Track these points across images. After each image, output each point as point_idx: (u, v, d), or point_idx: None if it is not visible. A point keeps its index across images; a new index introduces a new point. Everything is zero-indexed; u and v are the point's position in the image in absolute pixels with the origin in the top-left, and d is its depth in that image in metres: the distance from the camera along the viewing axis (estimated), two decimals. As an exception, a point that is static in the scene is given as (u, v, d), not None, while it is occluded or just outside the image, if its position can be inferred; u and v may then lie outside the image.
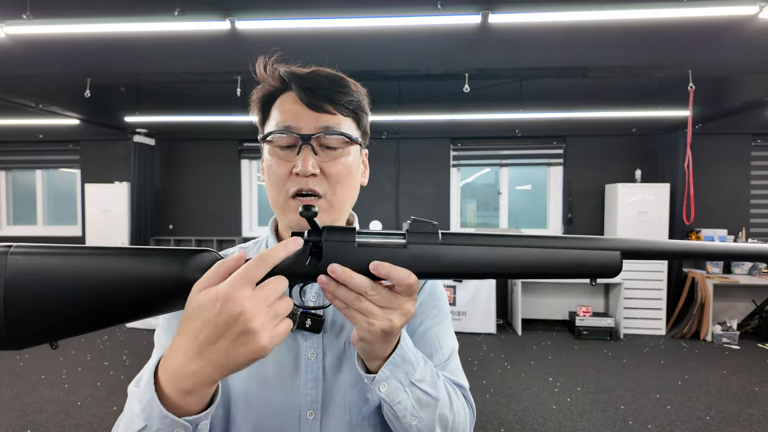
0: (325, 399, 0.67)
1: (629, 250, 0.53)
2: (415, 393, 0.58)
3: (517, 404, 3.34)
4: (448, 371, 0.71)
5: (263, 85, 0.69)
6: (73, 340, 4.83)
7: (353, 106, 0.67)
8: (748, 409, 3.26)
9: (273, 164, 0.66)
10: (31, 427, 2.97)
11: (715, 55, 3.33)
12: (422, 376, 0.59)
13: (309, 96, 0.64)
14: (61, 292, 0.47)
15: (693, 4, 2.71)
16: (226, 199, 6.19)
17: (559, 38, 3.28)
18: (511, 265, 0.53)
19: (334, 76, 0.67)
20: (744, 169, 5.52)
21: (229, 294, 0.45)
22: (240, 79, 3.60)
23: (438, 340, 0.72)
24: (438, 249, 0.53)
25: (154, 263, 0.51)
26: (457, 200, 6.05)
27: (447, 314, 0.77)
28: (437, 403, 0.60)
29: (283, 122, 0.65)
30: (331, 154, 0.65)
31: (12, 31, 2.94)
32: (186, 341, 0.46)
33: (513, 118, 5.13)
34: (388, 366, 0.56)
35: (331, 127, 0.65)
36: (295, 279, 0.53)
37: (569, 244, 0.53)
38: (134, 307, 0.50)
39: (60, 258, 0.48)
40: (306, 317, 0.67)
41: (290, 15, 2.95)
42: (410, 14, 2.94)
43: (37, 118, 5.38)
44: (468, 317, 5.11)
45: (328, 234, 0.52)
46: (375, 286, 0.51)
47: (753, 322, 5.04)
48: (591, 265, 0.53)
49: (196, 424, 0.49)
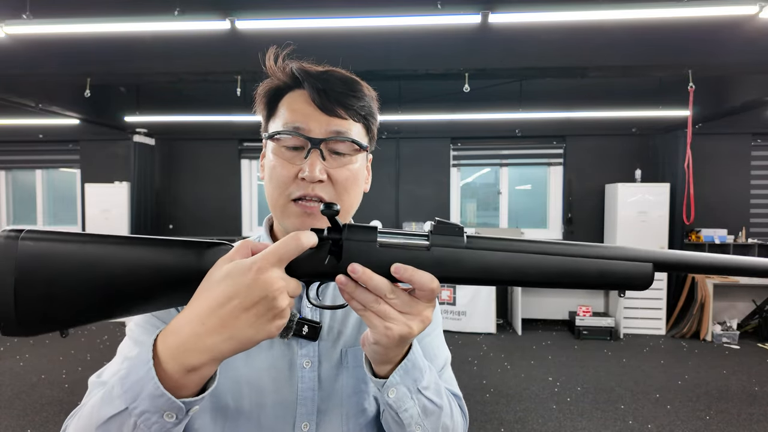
0: (321, 409, 0.64)
1: (662, 262, 0.51)
2: (422, 401, 0.57)
3: (517, 404, 3.34)
4: (445, 380, 0.70)
5: (271, 79, 0.64)
6: (73, 339, 4.83)
7: (365, 111, 0.64)
8: (748, 409, 3.26)
9: (277, 165, 0.62)
10: (31, 427, 2.97)
11: (715, 55, 3.33)
12: (428, 383, 0.58)
13: (322, 98, 0.60)
14: (72, 279, 0.46)
15: (693, 4, 2.70)
16: (226, 199, 6.19)
17: (559, 38, 3.28)
18: (536, 272, 0.50)
19: (348, 79, 0.64)
20: (744, 169, 5.52)
21: (263, 267, 0.44)
22: (240, 79, 3.60)
23: (432, 350, 0.72)
24: (461, 253, 0.50)
25: (169, 253, 0.49)
26: (457, 200, 6.05)
27: (439, 324, 0.77)
28: (441, 412, 0.59)
29: (293, 122, 0.61)
30: (339, 161, 0.62)
31: (12, 30, 2.94)
32: (206, 312, 0.44)
33: (513, 118, 5.13)
34: (399, 372, 0.55)
35: (342, 132, 0.61)
36: (312, 278, 0.51)
37: (598, 253, 0.50)
38: (147, 298, 0.49)
39: (71, 245, 0.47)
40: (303, 324, 0.65)
41: (290, 15, 2.95)
42: (410, 14, 2.94)
43: (37, 118, 5.38)
44: (468, 317, 5.11)
45: (349, 232, 0.50)
46: (395, 289, 0.49)
47: (753, 321, 5.04)
48: (620, 276, 0.50)
49: (188, 409, 0.45)
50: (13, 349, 4.49)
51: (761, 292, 5.10)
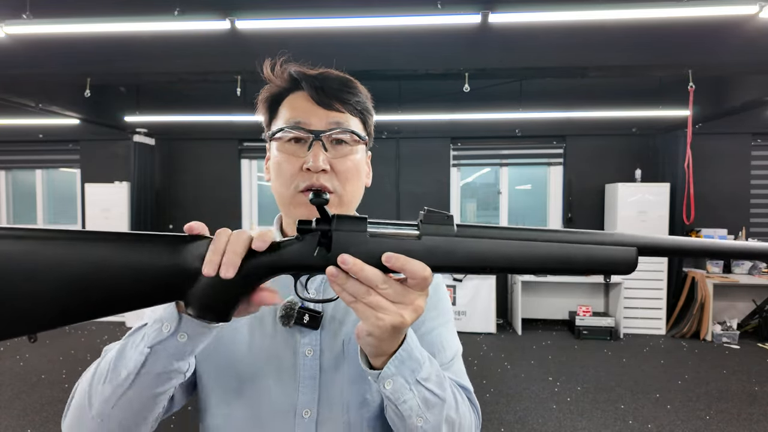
0: (322, 397, 0.65)
1: (646, 247, 0.51)
2: (422, 392, 0.56)
3: (517, 404, 3.34)
4: (451, 373, 0.69)
5: (270, 86, 0.69)
6: (73, 339, 4.83)
7: (360, 107, 0.69)
8: (748, 409, 3.26)
9: (282, 160, 0.66)
10: (31, 427, 2.97)
11: (715, 55, 3.33)
12: (428, 374, 0.57)
13: (320, 94, 0.65)
14: (30, 282, 0.43)
15: (693, 4, 2.70)
16: (226, 199, 6.18)
17: (559, 38, 3.28)
18: (524, 259, 0.51)
19: (343, 77, 0.68)
20: (744, 169, 5.52)
21: None
22: (240, 79, 3.60)
23: (441, 342, 0.71)
24: (452, 241, 0.50)
25: (141, 250, 0.47)
26: (457, 200, 6.05)
27: (450, 316, 0.76)
28: (444, 404, 0.58)
29: (294, 118, 0.65)
30: (341, 151, 0.66)
31: (12, 30, 2.94)
32: None
33: (513, 118, 5.13)
34: (393, 362, 0.54)
35: (341, 123, 0.65)
36: (301, 270, 0.51)
37: (585, 239, 0.51)
38: (120, 298, 0.47)
39: (29, 243, 0.43)
40: (304, 313, 0.66)
41: (290, 15, 2.95)
42: (410, 14, 2.94)
43: (37, 118, 5.38)
44: (468, 317, 5.11)
45: (338, 223, 0.50)
46: (387, 279, 0.49)
47: (753, 321, 5.04)
48: (605, 262, 0.51)
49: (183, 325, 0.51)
50: (13, 349, 4.49)
51: (761, 292, 5.10)
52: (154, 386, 0.53)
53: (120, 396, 0.53)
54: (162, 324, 0.51)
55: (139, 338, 0.53)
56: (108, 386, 0.53)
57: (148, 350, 0.51)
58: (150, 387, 0.53)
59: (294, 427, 0.64)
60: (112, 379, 0.53)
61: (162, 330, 0.51)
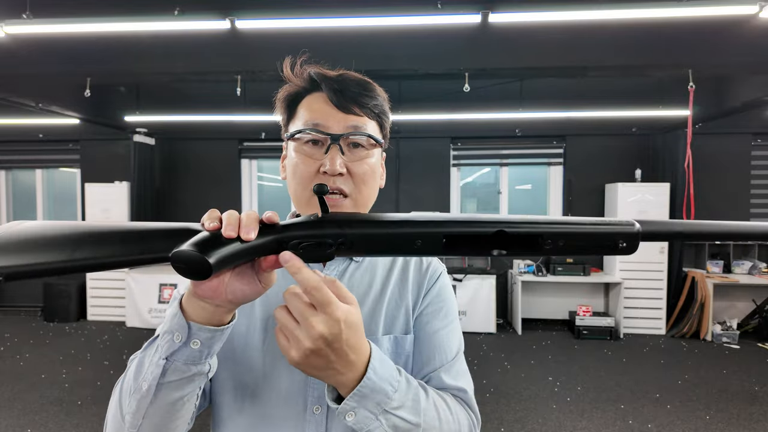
0: None
1: (645, 232, 0.49)
2: (391, 420, 0.54)
3: (517, 404, 3.34)
4: (452, 374, 0.69)
5: (289, 85, 0.70)
6: (73, 339, 4.83)
7: (378, 110, 0.69)
8: (748, 408, 3.26)
9: (299, 162, 0.66)
10: (31, 427, 2.97)
11: (715, 55, 3.33)
12: (401, 402, 0.54)
13: (339, 98, 0.65)
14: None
15: (693, 4, 2.70)
16: (226, 199, 6.18)
17: (559, 38, 3.28)
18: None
19: (362, 80, 0.69)
20: (744, 169, 5.52)
21: None
22: (240, 79, 3.59)
23: (444, 343, 0.71)
24: None
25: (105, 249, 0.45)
26: (457, 200, 6.05)
27: (455, 315, 0.76)
28: (418, 430, 0.56)
29: (313, 120, 0.66)
30: (357, 154, 0.67)
31: (12, 30, 2.94)
32: None
33: (513, 118, 5.13)
34: (353, 398, 0.51)
35: (359, 127, 0.66)
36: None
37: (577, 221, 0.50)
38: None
39: None
40: None
41: (290, 15, 2.95)
42: (410, 14, 2.93)
43: (37, 118, 5.38)
44: (468, 317, 5.11)
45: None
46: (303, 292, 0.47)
47: (753, 321, 5.04)
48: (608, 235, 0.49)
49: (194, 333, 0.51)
50: (13, 349, 4.49)
51: (761, 291, 5.10)
52: (178, 392, 0.55)
53: (147, 406, 0.55)
54: (173, 335, 0.51)
55: (153, 350, 0.55)
56: (134, 400, 0.55)
57: (164, 361, 0.52)
58: (174, 393, 0.54)
59: (305, 424, 0.65)
60: (135, 392, 0.55)
61: (174, 340, 0.51)
